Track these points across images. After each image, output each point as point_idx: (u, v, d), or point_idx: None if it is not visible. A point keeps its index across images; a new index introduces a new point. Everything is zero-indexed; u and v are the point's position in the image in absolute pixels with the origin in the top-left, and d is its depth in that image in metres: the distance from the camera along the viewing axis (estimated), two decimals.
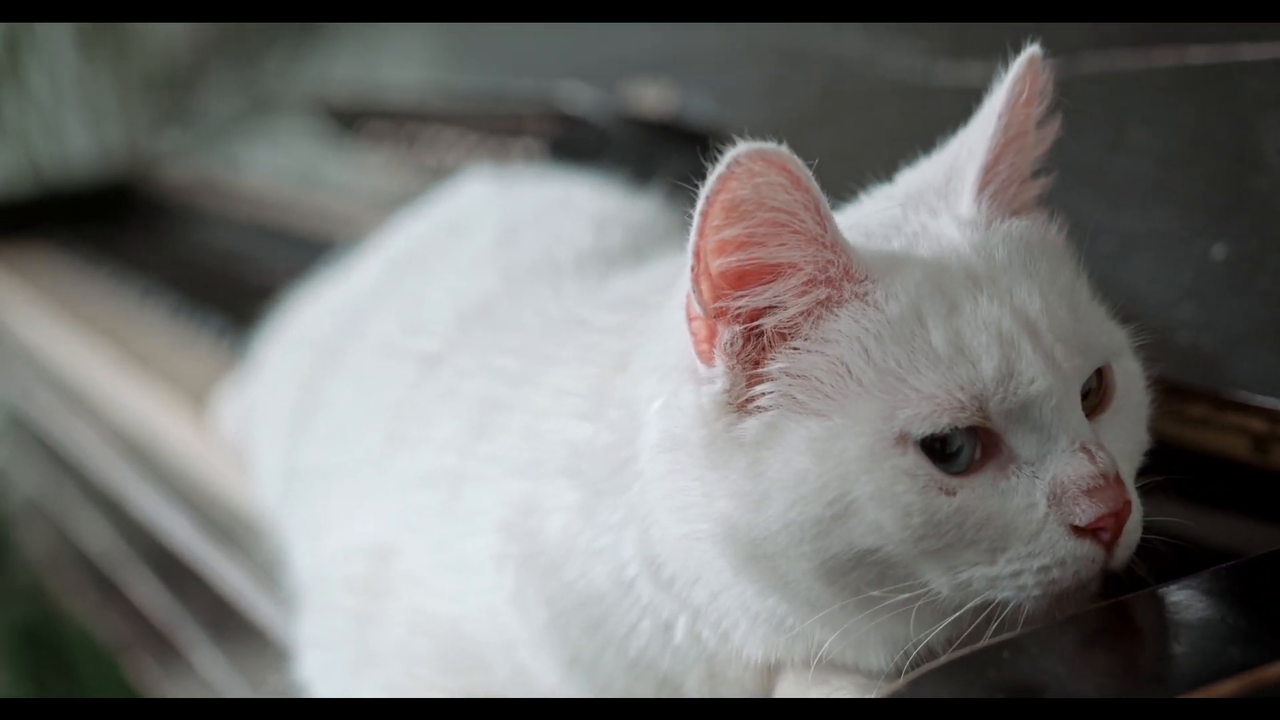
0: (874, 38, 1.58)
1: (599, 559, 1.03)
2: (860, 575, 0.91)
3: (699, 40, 1.80)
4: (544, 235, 1.38)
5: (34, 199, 3.60)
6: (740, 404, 0.94)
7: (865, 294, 0.93)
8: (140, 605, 2.19)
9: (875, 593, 0.91)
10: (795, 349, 0.94)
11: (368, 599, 1.23)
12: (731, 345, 0.94)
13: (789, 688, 1.02)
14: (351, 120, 2.52)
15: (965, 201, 1.01)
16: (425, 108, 2.28)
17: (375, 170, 2.44)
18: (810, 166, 0.89)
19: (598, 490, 1.03)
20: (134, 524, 2.00)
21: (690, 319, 0.95)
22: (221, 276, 2.62)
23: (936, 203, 1.02)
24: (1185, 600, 0.91)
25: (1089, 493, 0.90)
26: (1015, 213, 1.01)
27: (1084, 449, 0.92)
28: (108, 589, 2.38)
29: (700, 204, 0.89)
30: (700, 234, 0.90)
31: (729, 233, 0.90)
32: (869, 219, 1.02)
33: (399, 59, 2.64)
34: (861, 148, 1.52)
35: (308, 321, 1.65)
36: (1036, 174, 1.05)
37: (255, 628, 1.63)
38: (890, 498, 0.90)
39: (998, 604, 0.91)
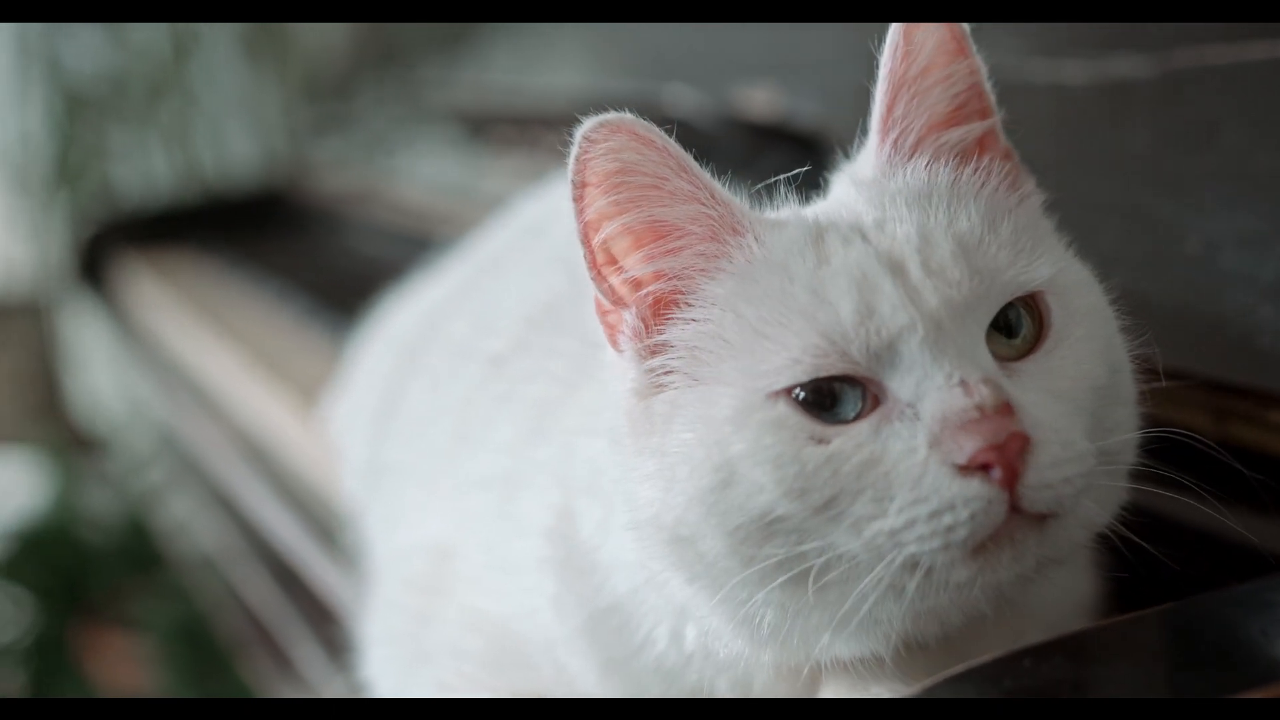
0: (975, 37, 1.55)
1: (617, 567, 1.04)
2: (774, 546, 0.89)
3: (807, 42, 1.78)
4: None
5: (190, 205, 3.68)
6: (651, 387, 0.94)
7: (743, 251, 0.93)
8: (253, 604, 2.23)
9: (782, 557, 0.89)
10: (684, 319, 0.94)
11: (426, 597, 1.25)
12: (633, 330, 0.95)
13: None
14: (480, 126, 2.54)
15: (868, 156, 1.01)
16: (546, 112, 2.29)
17: (501, 175, 2.45)
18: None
19: (610, 504, 1.03)
20: (247, 523, 2.03)
21: (601, 314, 0.97)
22: (357, 282, 2.65)
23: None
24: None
25: (964, 427, 0.86)
26: (939, 157, 1.00)
27: (961, 383, 0.87)
28: (230, 587, 2.43)
29: (570, 189, 0.91)
30: (579, 218, 0.92)
31: (600, 204, 0.92)
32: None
33: (549, 65, 2.65)
34: None
35: (397, 322, 1.68)
36: (968, 115, 1.02)
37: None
38: (761, 451, 0.88)
39: (919, 565, 0.87)
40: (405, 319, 1.66)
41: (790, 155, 1.68)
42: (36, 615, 3.85)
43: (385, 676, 1.27)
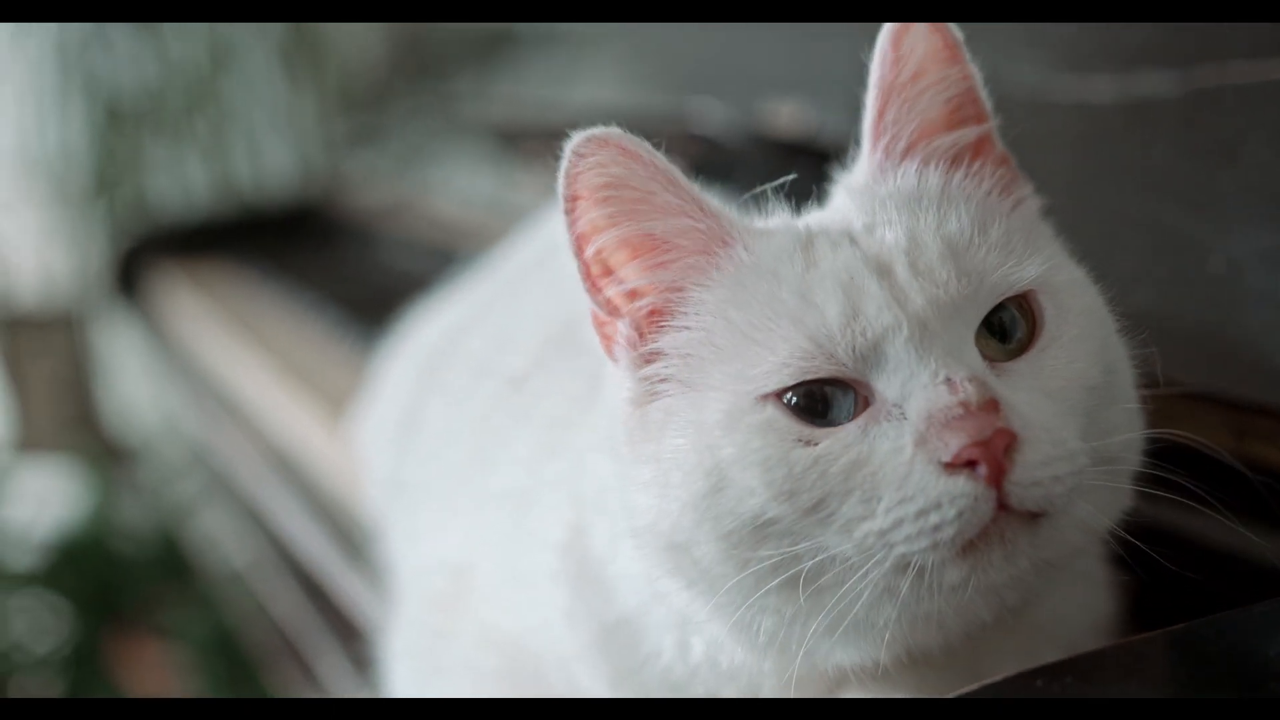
0: (1001, 52, 1.54)
1: (625, 580, 1.04)
2: (767, 549, 0.90)
3: (834, 58, 1.78)
4: None
5: (226, 218, 3.70)
6: (646, 395, 0.96)
7: (732, 260, 0.95)
8: (280, 617, 2.24)
9: (775, 560, 0.90)
10: (677, 326, 0.95)
11: (444, 614, 1.25)
12: (628, 339, 0.96)
13: None
14: (512, 140, 2.54)
15: (861, 164, 1.02)
16: (575, 126, 2.29)
17: (531, 189, 2.46)
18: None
19: (617, 517, 1.03)
20: (275, 536, 2.04)
21: (597, 325, 0.98)
22: (388, 294, 2.65)
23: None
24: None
25: (949, 425, 0.86)
26: (931, 161, 1.00)
27: (947, 380, 0.88)
28: (258, 599, 2.44)
29: (561, 203, 0.93)
30: (570, 231, 0.94)
31: (590, 217, 0.94)
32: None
33: (579, 80, 2.66)
34: None
35: (420, 337, 1.68)
36: (962, 120, 1.02)
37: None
38: (750, 454, 0.89)
39: (910, 565, 0.87)
40: (428, 333, 1.66)
41: (816, 170, 1.67)
42: (73, 624, 3.88)
43: (406, 694, 1.27)
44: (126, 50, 4.07)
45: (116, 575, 3.89)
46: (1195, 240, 1.22)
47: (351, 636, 1.79)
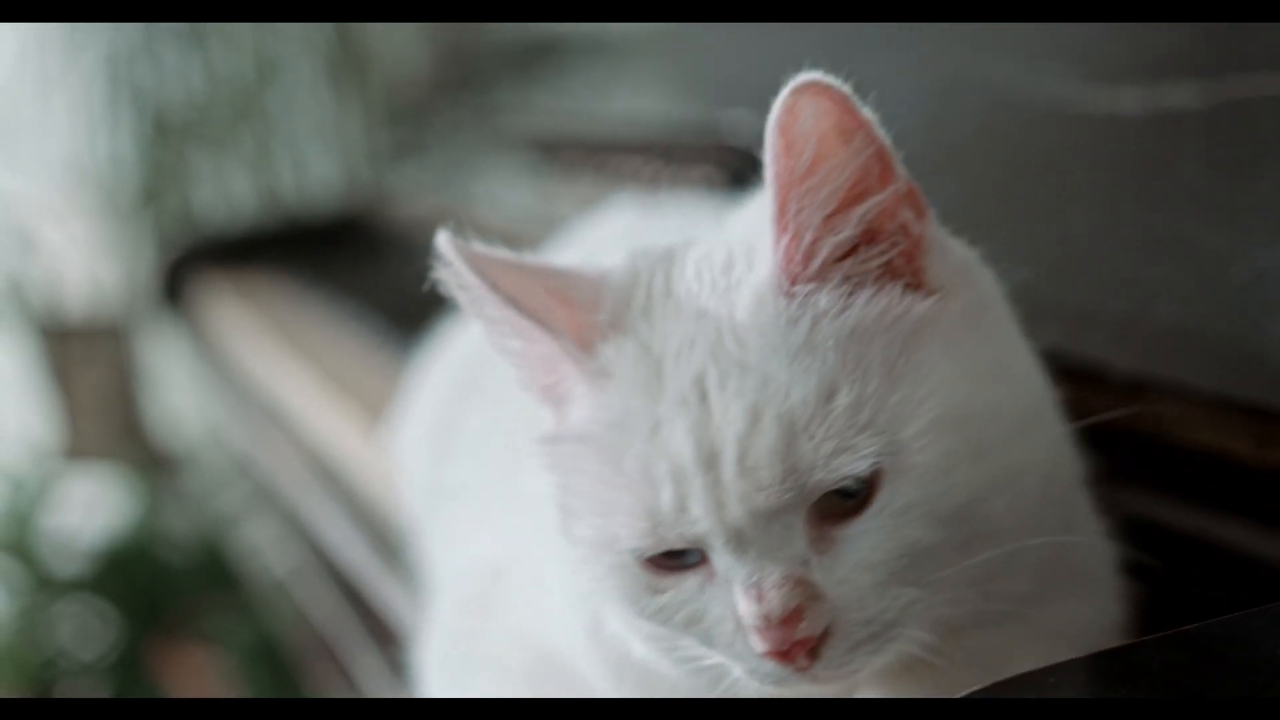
0: (1031, 64, 1.56)
1: None
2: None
3: (869, 69, 1.79)
4: None
5: (271, 229, 3.73)
6: None
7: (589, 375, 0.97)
8: (320, 623, 2.26)
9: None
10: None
11: (477, 619, 1.26)
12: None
13: None
14: (552, 151, 2.56)
15: (765, 248, 0.94)
16: (616, 138, 2.31)
17: (571, 200, 2.48)
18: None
19: None
20: (316, 543, 2.07)
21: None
22: (430, 304, 2.67)
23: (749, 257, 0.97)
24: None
25: (754, 630, 0.89)
26: (822, 275, 0.93)
27: (756, 585, 0.89)
28: (300, 606, 2.46)
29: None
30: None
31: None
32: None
33: (619, 92, 2.67)
34: (1019, 176, 1.50)
35: (458, 343, 1.69)
36: (866, 192, 0.93)
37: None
38: (610, 590, 0.95)
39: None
40: (466, 339, 1.68)
41: None
42: (119, 631, 3.91)
43: (438, 693, 1.29)
44: (173, 63, 4.11)
45: (161, 582, 3.92)
46: (1220, 251, 1.22)
47: (388, 641, 1.81)
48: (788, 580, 0.89)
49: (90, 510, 4.09)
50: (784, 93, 0.89)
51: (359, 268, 3.32)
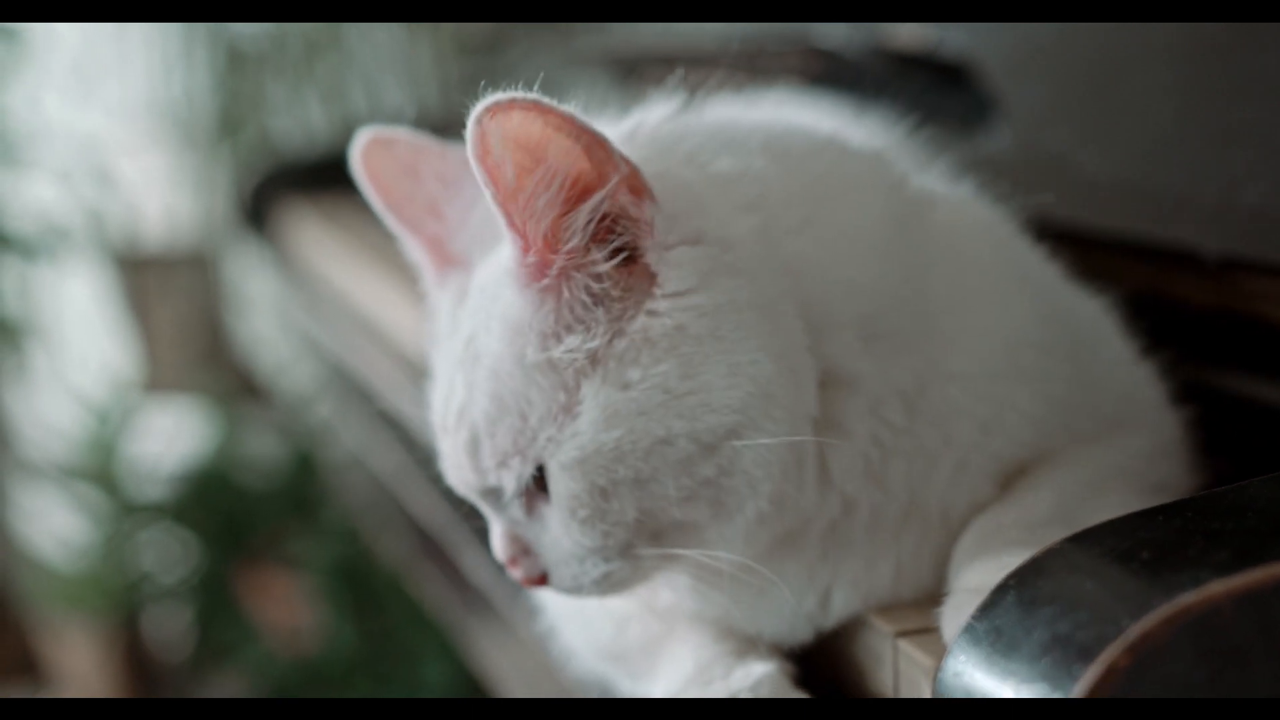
0: None
1: None
2: None
3: None
4: None
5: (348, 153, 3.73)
6: None
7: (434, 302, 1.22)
8: (421, 519, 2.32)
9: None
10: None
11: None
12: None
13: None
14: (632, 69, 2.59)
15: (507, 243, 1.03)
16: (698, 51, 2.34)
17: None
18: None
19: None
20: (415, 440, 2.12)
21: None
22: None
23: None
24: None
25: (504, 563, 1.09)
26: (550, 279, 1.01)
27: (491, 532, 1.10)
28: (400, 505, 2.51)
29: None
30: None
31: None
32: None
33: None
34: (1110, 73, 1.52)
35: None
36: (584, 192, 0.97)
37: None
38: None
39: None
40: None
41: (933, 83, 1.71)
42: (201, 556, 3.97)
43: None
44: None
45: (243, 507, 3.97)
46: None
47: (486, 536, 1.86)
48: (504, 535, 1.08)
49: (171, 439, 4.17)
50: (469, 123, 0.91)
51: None
